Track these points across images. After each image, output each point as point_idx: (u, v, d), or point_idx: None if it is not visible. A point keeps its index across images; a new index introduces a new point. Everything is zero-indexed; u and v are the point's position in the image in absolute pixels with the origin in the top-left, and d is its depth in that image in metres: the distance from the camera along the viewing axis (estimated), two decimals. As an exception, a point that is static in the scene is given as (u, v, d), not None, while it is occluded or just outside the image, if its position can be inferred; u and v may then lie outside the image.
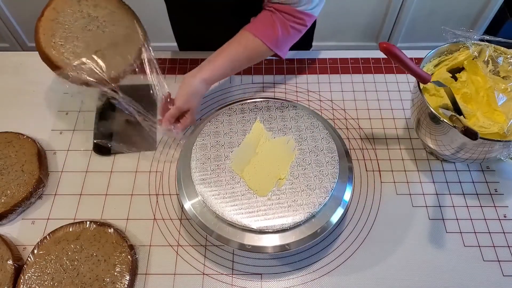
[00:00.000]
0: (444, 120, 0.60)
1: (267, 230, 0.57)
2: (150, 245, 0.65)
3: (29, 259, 0.60)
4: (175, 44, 1.05)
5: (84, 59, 0.65)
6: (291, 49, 0.90)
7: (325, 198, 0.59)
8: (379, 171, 0.73)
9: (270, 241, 0.57)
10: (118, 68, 0.67)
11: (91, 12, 0.67)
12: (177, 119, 0.70)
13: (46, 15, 0.66)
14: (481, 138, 0.55)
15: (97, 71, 0.65)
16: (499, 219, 0.67)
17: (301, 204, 0.59)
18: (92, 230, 0.63)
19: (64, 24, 0.66)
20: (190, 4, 0.85)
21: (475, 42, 0.68)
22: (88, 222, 0.63)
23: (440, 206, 0.69)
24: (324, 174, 0.62)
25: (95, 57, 0.65)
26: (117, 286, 0.58)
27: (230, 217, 0.58)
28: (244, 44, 0.71)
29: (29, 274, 0.59)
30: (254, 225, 0.57)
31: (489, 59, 0.68)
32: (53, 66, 0.65)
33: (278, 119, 0.68)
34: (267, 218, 0.58)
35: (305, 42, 1.00)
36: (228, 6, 0.81)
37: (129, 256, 0.60)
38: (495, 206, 0.69)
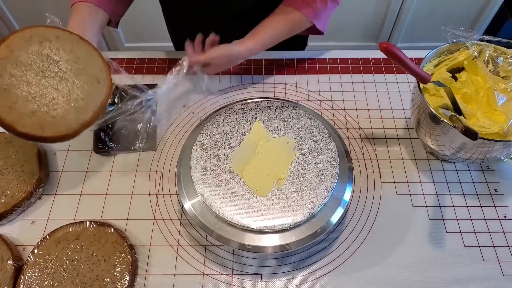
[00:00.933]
0: (444, 120, 0.60)
1: (267, 230, 0.57)
2: (150, 245, 0.65)
3: (29, 259, 0.60)
4: (171, 44, 1.05)
5: (30, 110, 0.56)
6: (289, 49, 0.90)
7: (325, 198, 0.59)
8: (379, 171, 0.73)
9: (270, 241, 0.57)
10: (69, 125, 0.58)
11: (52, 55, 0.59)
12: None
13: None
14: (481, 138, 0.55)
15: (43, 127, 0.56)
16: (499, 219, 0.67)
17: (301, 204, 0.59)
18: (92, 230, 0.63)
19: (12, 65, 0.56)
20: (189, 9, 0.85)
21: (475, 42, 0.68)
22: (88, 222, 0.63)
23: (440, 206, 0.69)
24: (324, 174, 0.62)
25: (44, 109, 0.57)
26: (117, 286, 0.58)
27: (230, 217, 0.58)
28: (285, 18, 0.76)
29: (29, 274, 0.59)
30: (254, 225, 0.57)
31: (489, 59, 0.68)
32: None
33: (278, 119, 0.68)
34: (267, 218, 0.58)
35: (300, 43, 1.00)
36: (228, 10, 0.81)
37: (129, 256, 0.60)
38: (495, 206, 0.69)
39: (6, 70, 0.55)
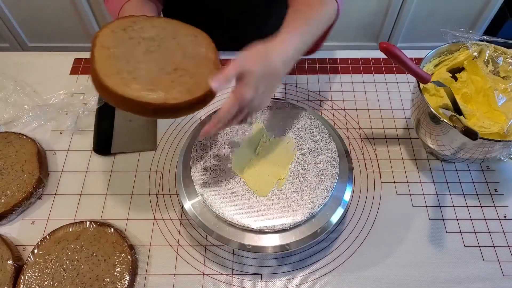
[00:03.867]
0: (444, 120, 0.60)
1: (267, 230, 0.57)
2: (150, 245, 0.65)
3: (29, 259, 0.60)
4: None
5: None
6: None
7: (325, 198, 0.59)
8: (379, 171, 0.73)
9: (270, 241, 0.57)
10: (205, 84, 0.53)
11: (142, 35, 0.57)
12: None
13: (97, 56, 0.54)
14: (481, 138, 0.55)
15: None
16: (499, 219, 0.67)
17: (301, 204, 0.59)
18: (92, 230, 0.63)
19: (122, 57, 0.54)
20: (193, 8, 0.85)
21: (475, 42, 0.68)
22: (88, 222, 0.63)
23: (440, 206, 0.69)
24: (324, 174, 0.62)
25: (174, 76, 0.54)
26: (117, 286, 0.58)
27: (230, 217, 0.58)
28: (310, 7, 0.61)
29: (29, 274, 0.59)
30: (254, 225, 0.57)
31: (489, 59, 0.68)
32: (131, 104, 0.52)
33: (278, 119, 0.68)
34: (267, 218, 0.58)
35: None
36: (236, 5, 0.80)
37: (129, 256, 0.60)
38: (495, 206, 0.69)
39: (119, 64, 0.53)
